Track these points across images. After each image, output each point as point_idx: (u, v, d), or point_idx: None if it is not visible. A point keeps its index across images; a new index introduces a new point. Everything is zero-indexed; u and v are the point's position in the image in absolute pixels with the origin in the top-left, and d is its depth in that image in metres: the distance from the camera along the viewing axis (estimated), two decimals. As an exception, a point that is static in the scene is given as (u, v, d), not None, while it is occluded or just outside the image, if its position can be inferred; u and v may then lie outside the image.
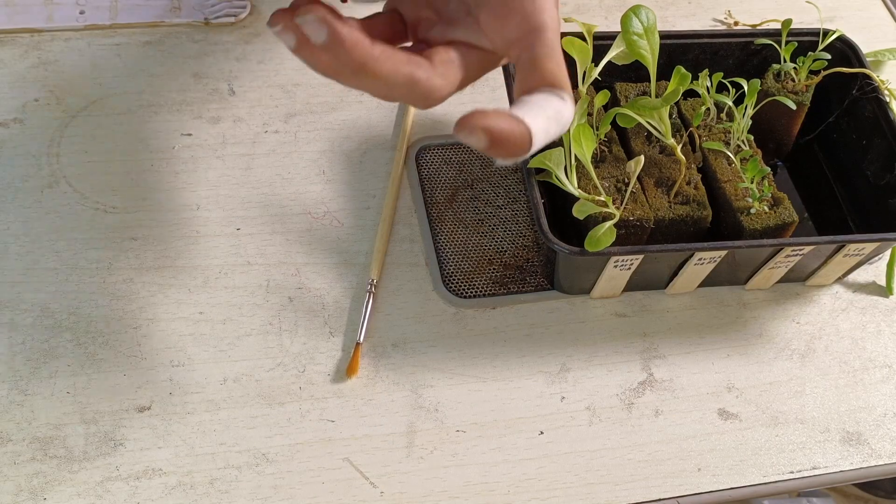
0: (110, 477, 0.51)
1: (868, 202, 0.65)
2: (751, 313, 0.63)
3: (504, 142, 0.36)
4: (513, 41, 0.39)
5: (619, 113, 0.58)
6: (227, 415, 0.54)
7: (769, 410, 0.58)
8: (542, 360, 0.59)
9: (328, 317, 0.58)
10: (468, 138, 0.35)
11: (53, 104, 0.66)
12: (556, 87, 0.38)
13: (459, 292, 0.61)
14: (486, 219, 0.64)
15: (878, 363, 0.61)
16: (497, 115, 0.35)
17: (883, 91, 0.64)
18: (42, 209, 0.61)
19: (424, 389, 0.56)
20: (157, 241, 0.60)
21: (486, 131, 0.35)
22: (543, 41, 0.39)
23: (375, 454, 0.54)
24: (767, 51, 0.66)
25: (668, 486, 0.55)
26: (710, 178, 0.61)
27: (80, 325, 0.56)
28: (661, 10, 0.79)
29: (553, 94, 0.38)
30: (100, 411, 0.53)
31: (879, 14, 0.84)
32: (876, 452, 0.57)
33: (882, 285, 0.65)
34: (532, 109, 0.37)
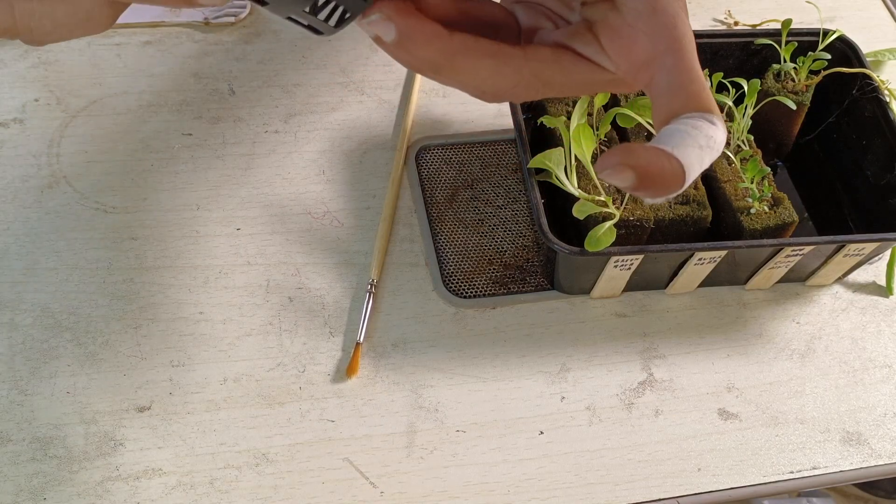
0: (110, 477, 0.51)
1: (868, 202, 0.65)
2: (751, 313, 0.63)
3: (655, 180, 0.32)
4: (643, 63, 0.34)
5: (619, 113, 0.58)
6: (227, 415, 0.54)
7: (769, 410, 0.58)
8: (542, 360, 0.59)
9: (328, 317, 0.58)
10: (613, 178, 0.32)
11: (53, 104, 0.66)
12: (705, 111, 0.34)
13: (459, 292, 0.61)
14: (486, 219, 0.64)
15: (878, 363, 0.61)
16: (645, 150, 0.32)
17: (883, 91, 0.64)
18: (42, 209, 0.61)
19: (424, 389, 0.56)
20: (157, 241, 0.60)
21: (634, 169, 0.32)
22: (682, 61, 0.34)
23: (375, 454, 0.54)
24: (767, 51, 0.66)
25: (668, 486, 0.55)
26: (710, 178, 0.61)
27: (80, 325, 0.56)
28: (661, 10, 0.79)
29: (703, 118, 0.34)
30: (100, 411, 0.53)
31: (879, 14, 0.84)
32: (876, 452, 0.57)
33: (882, 285, 0.65)
34: (683, 140, 0.33)
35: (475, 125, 0.69)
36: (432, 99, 0.71)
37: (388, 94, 0.70)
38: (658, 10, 0.34)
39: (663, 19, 0.34)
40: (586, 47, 0.36)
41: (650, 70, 0.34)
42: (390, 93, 0.70)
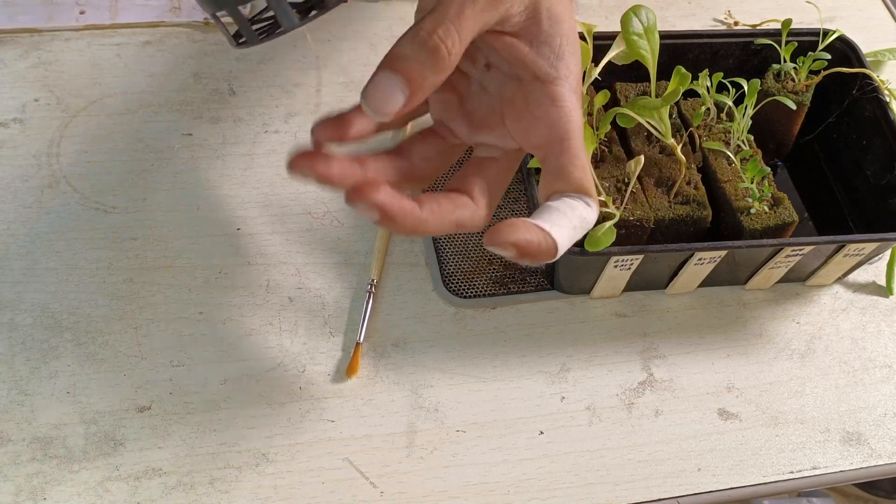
0: (110, 477, 0.51)
1: (868, 202, 0.65)
2: (751, 313, 0.63)
3: (532, 254, 0.38)
4: (539, 146, 0.41)
5: (619, 113, 0.58)
6: (226, 415, 0.54)
7: (769, 410, 0.58)
8: (542, 360, 0.59)
9: (328, 317, 0.58)
10: (497, 251, 0.38)
11: (53, 104, 0.66)
12: (583, 194, 0.40)
13: (459, 292, 0.61)
14: (486, 219, 0.64)
15: (878, 363, 0.61)
16: (525, 227, 0.38)
17: (883, 91, 0.64)
18: (42, 209, 0.61)
19: (424, 389, 0.56)
20: (157, 240, 0.60)
21: (516, 246, 0.37)
22: (569, 149, 0.40)
23: (375, 454, 0.54)
24: (767, 51, 0.66)
25: (668, 486, 0.55)
26: (711, 178, 0.61)
27: (80, 324, 0.56)
28: (661, 10, 0.79)
29: (579, 199, 0.40)
30: (100, 411, 0.53)
31: (879, 14, 0.84)
32: (876, 452, 0.57)
33: (882, 285, 0.65)
34: (558, 219, 0.39)
35: (475, 125, 0.69)
36: (432, 99, 0.70)
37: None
38: (557, 104, 0.40)
39: (561, 113, 0.40)
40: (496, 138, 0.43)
41: (542, 152, 0.41)
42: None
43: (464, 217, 0.41)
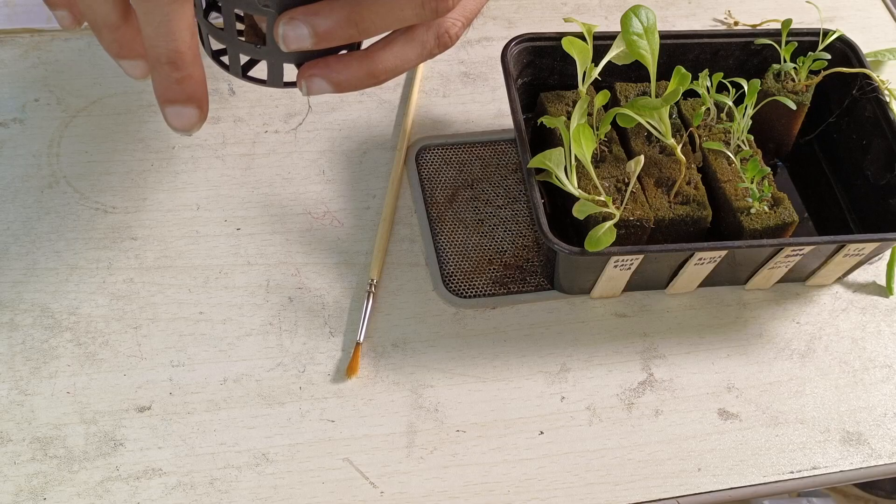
0: (110, 477, 0.51)
1: (868, 202, 0.65)
2: (751, 313, 0.63)
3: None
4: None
5: (619, 113, 0.58)
6: (227, 415, 0.54)
7: (769, 410, 0.58)
8: (542, 360, 0.59)
9: (328, 317, 0.58)
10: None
11: (53, 104, 0.66)
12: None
13: (459, 292, 0.61)
14: (486, 219, 0.64)
15: (879, 363, 0.61)
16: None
17: (883, 91, 0.64)
18: (42, 209, 0.61)
19: (424, 389, 0.56)
20: (157, 241, 0.60)
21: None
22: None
23: (375, 454, 0.54)
24: (767, 51, 0.66)
25: (668, 487, 0.55)
26: (710, 178, 0.61)
27: (80, 324, 0.56)
28: (661, 10, 0.79)
29: None
30: (100, 411, 0.53)
31: (879, 14, 0.84)
32: (876, 452, 0.57)
33: (882, 285, 0.65)
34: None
35: (475, 125, 0.69)
36: (432, 99, 0.71)
37: (388, 94, 0.70)
38: None
39: None
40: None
41: None
42: (390, 93, 0.70)
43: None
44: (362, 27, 0.39)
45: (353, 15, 0.39)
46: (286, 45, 0.40)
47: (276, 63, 0.44)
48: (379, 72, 0.42)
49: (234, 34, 0.43)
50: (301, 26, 0.39)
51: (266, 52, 0.43)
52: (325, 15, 0.39)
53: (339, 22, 0.39)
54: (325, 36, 0.39)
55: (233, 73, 0.45)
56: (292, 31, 0.39)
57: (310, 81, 0.42)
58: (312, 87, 0.42)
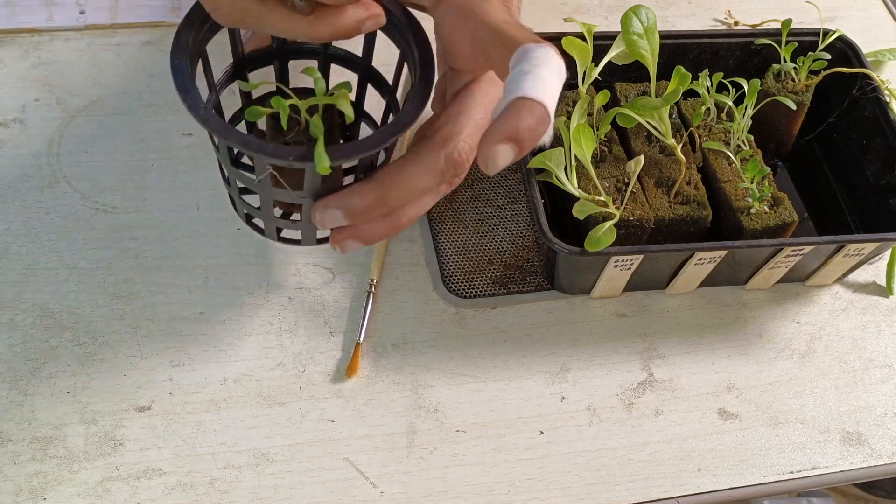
0: (110, 477, 0.51)
1: (868, 202, 0.65)
2: (751, 313, 0.63)
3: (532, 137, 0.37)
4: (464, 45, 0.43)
5: (620, 113, 0.58)
6: (227, 415, 0.54)
7: (769, 410, 0.58)
8: (543, 359, 0.59)
9: (328, 317, 0.58)
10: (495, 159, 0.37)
11: (53, 104, 0.66)
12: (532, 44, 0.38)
13: (459, 292, 0.61)
14: (486, 219, 0.64)
15: (879, 363, 0.61)
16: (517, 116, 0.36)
17: (883, 91, 0.64)
18: (42, 209, 0.61)
19: (424, 389, 0.56)
20: (157, 240, 0.60)
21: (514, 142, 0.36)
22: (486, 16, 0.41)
23: (375, 454, 0.54)
24: (767, 51, 0.66)
25: (668, 487, 0.55)
26: (711, 177, 0.61)
27: (81, 324, 0.56)
28: (661, 10, 0.79)
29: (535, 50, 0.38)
30: (100, 411, 0.53)
31: (879, 14, 0.84)
32: (876, 452, 0.57)
33: (882, 285, 0.65)
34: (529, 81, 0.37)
35: (475, 125, 0.69)
36: (432, 99, 0.70)
37: (388, 94, 0.70)
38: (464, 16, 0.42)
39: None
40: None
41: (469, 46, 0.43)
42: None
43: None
44: (391, 204, 0.43)
45: (382, 196, 0.42)
46: (322, 226, 0.44)
47: (310, 231, 0.48)
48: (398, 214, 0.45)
49: (272, 211, 0.47)
50: (336, 212, 0.43)
51: (302, 224, 0.47)
52: (357, 199, 0.42)
53: (371, 204, 0.42)
54: (358, 216, 0.43)
55: (268, 237, 0.50)
56: (329, 217, 0.43)
57: (343, 245, 0.45)
58: (347, 248, 0.45)
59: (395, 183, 0.42)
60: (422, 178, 0.42)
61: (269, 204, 0.46)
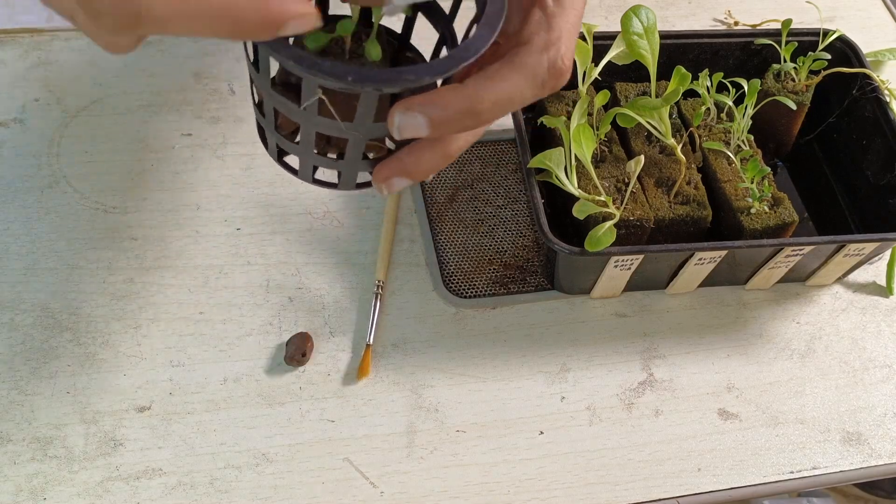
0: (110, 477, 0.51)
1: (868, 202, 0.65)
2: (751, 313, 0.63)
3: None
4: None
5: (620, 113, 0.58)
6: (227, 415, 0.54)
7: (769, 410, 0.58)
8: (543, 360, 0.58)
9: (328, 317, 0.58)
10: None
11: (53, 104, 0.66)
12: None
13: (459, 292, 0.61)
14: (486, 219, 0.64)
15: (879, 363, 0.61)
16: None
17: (883, 91, 0.64)
18: (42, 209, 0.61)
19: (424, 389, 0.56)
20: (157, 240, 0.60)
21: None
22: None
23: (375, 454, 0.54)
24: (767, 51, 0.66)
25: (668, 487, 0.55)
26: (711, 177, 0.61)
27: (81, 324, 0.56)
28: (661, 10, 0.79)
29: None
30: (100, 411, 0.53)
31: (879, 14, 0.84)
32: (876, 452, 0.57)
33: (882, 285, 0.65)
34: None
35: (475, 125, 0.69)
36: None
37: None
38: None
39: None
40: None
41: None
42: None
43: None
44: (482, 116, 0.37)
45: (474, 104, 0.37)
46: (400, 134, 0.37)
47: (351, 172, 0.42)
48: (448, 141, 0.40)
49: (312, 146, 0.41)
50: (418, 117, 0.36)
51: (343, 164, 0.42)
52: (443, 105, 0.36)
53: (459, 112, 0.37)
54: (443, 125, 0.37)
55: (302, 177, 0.44)
56: (409, 121, 0.36)
57: (389, 183, 0.40)
58: (393, 186, 0.40)
59: (489, 90, 0.37)
60: (520, 86, 0.38)
61: (311, 137, 0.41)
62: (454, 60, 0.36)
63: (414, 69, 0.36)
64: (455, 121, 0.37)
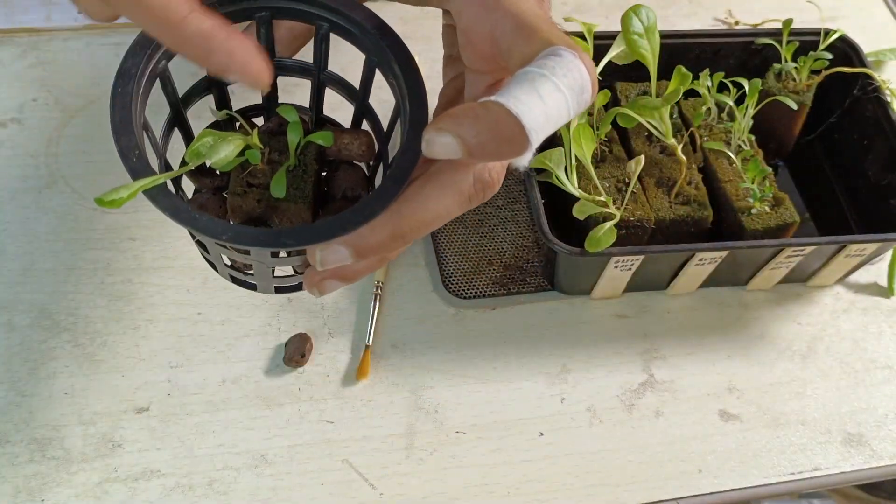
0: (108, 478, 0.51)
1: (869, 202, 0.65)
2: (752, 314, 0.62)
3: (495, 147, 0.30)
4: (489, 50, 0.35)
5: (620, 113, 0.58)
6: (225, 416, 0.54)
7: (770, 411, 0.58)
8: (543, 360, 0.58)
9: (327, 317, 0.58)
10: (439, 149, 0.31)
11: (52, 104, 0.66)
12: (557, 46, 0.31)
13: (459, 293, 0.60)
14: (486, 219, 0.64)
15: (880, 364, 0.61)
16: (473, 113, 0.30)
17: (884, 91, 0.64)
18: (40, 209, 0.60)
19: (424, 390, 0.56)
20: (155, 241, 0.60)
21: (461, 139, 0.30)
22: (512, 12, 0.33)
23: (375, 455, 0.53)
24: (768, 50, 0.66)
25: (668, 488, 0.54)
26: (711, 178, 0.60)
27: (79, 325, 0.56)
28: (661, 10, 0.79)
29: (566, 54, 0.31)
30: (98, 412, 0.53)
31: (880, 14, 0.83)
32: (877, 454, 0.57)
33: (883, 286, 0.65)
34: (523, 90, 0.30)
35: (475, 125, 0.69)
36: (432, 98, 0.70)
37: (387, 94, 0.70)
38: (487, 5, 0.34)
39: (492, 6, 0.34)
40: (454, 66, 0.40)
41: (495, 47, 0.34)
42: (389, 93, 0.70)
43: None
44: (409, 237, 0.35)
45: (398, 229, 0.35)
46: (323, 266, 0.35)
47: (265, 280, 0.41)
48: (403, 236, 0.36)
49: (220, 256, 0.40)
50: (341, 249, 0.35)
51: (254, 277, 0.41)
52: (365, 235, 0.35)
53: (383, 239, 0.35)
54: (368, 253, 0.35)
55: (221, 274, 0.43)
56: (331, 255, 0.35)
57: (322, 286, 0.38)
58: (326, 289, 0.38)
59: (414, 212, 0.35)
60: (446, 202, 0.35)
61: (217, 254, 0.40)
62: (345, 224, 0.34)
63: (295, 232, 0.34)
64: (380, 247, 0.35)
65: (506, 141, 0.30)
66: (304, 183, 0.40)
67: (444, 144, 0.30)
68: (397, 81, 0.39)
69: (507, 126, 0.29)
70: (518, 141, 0.30)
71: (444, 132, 0.30)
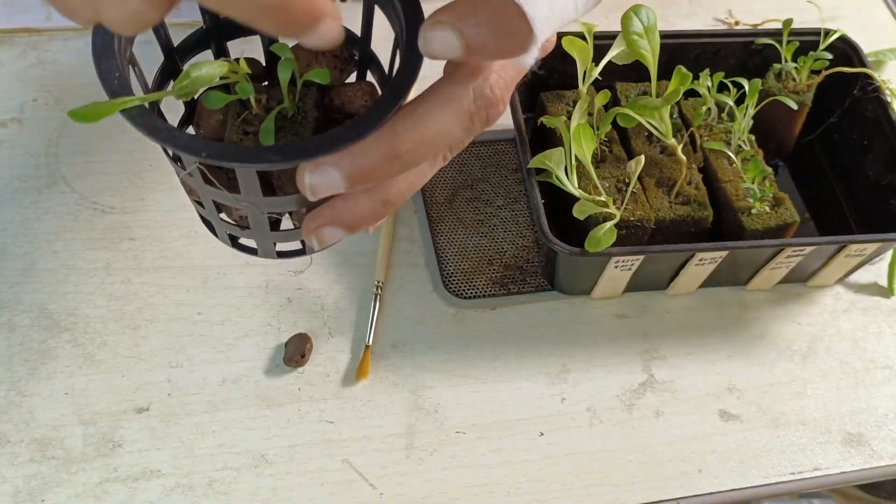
0: (109, 478, 0.51)
1: (869, 202, 0.65)
2: (752, 314, 0.62)
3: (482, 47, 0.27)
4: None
5: (620, 113, 0.58)
6: (225, 416, 0.54)
7: (770, 411, 0.58)
8: (543, 360, 0.58)
9: (327, 317, 0.58)
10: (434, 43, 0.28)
11: (52, 104, 0.66)
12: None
13: (459, 293, 0.60)
14: (486, 219, 0.64)
15: (880, 364, 0.61)
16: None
17: (884, 91, 0.64)
18: (40, 209, 0.60)
19: (424, 391, 0.56)
20: (155, 241, 0.60)
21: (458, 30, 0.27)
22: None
23: (375, 455, 0.53)
24: (768, 50, 0.66)
25: (668, 488, 0.54)
26: (711, 178, 0.60)
27: (79, 325, 0.56)
28: (661, 10, 0.79)
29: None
30: (98, 412, 0.53)
31: (881, 14, 0.83)
32: (877, 454, 0.57)
33: (883, 286, 0.65)
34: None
35: (475, 125, 0.69)
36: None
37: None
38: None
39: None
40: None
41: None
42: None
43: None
44: (405, 158, 0.32)
45: (394, 147, 0.32)
46: (315, 195, 0.32)
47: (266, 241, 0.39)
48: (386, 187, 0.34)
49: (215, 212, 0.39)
50: (330, 172, 0.32)
51: (254, 234, 0.39)
52: (357, 154, 0.31)
53: (377, 159, 0.32)
54: (363, 177, 0.32)
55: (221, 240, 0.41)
56: (321, 179, 0.32)
57: (320, 234, 0.35)
58: (325, 238, 0.35)
59: (410, 129, 0.32)
60: (445, 120, 0.32)
61: (210, 204, 0.38)
62: (334, 140, 0.31)
63: (280, 148, 0.32)
64: (375, 170, 0.32)
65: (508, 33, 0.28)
66: (302, 129, 0.37)
67: (442, 39, 0.28)
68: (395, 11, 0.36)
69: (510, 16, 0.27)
70: (521, 33, 0.28)
71: (441, 25, 0.28)
